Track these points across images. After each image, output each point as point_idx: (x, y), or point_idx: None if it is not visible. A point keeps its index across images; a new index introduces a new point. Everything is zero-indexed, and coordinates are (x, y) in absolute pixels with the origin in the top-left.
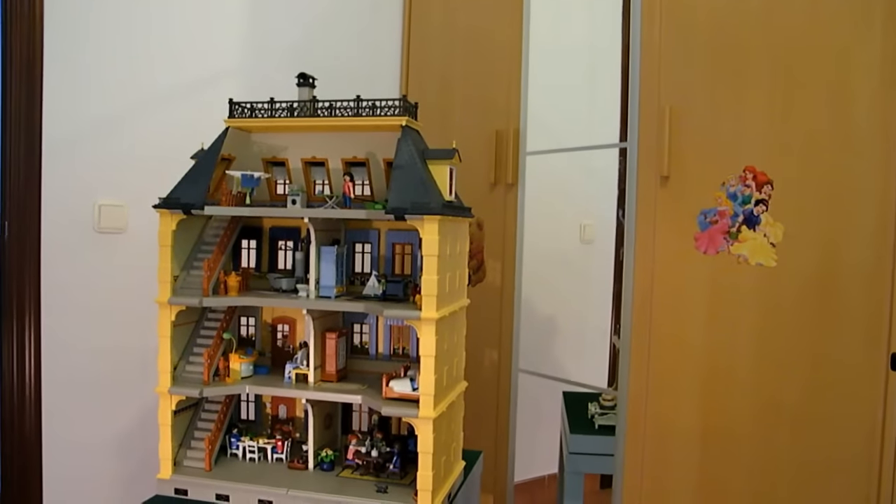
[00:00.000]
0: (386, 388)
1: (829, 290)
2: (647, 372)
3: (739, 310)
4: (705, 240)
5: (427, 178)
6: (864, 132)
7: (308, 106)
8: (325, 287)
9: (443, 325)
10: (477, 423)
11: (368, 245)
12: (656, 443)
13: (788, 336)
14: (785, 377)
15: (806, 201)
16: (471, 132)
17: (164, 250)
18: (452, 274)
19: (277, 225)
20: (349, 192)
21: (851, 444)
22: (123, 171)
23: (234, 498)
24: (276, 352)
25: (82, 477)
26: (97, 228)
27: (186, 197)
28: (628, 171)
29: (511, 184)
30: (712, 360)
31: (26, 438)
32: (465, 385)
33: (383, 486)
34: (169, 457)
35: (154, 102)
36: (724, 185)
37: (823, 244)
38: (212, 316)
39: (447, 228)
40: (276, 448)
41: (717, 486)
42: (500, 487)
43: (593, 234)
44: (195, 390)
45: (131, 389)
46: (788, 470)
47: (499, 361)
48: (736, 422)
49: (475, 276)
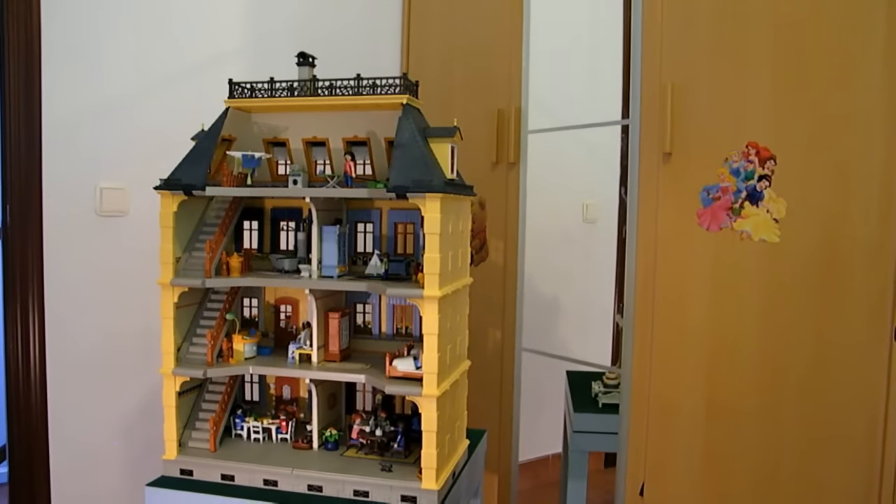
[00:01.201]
0: (389, 367)
1: (832, 266)
2: (650, 349)
3: (742, 286)
4: (708, 216)
5: (428, 156)
6: (868, 107)
7: (308, 85)
8: (327, 267)
9: (445, 303)
10: (481, 402)
11: (370, 225)
12: (660, 420)
13: (792, 312)
14: (788, 353)
15: (809, 176)
16: (472, 111)
17: (165, 232)
18: (455, 252)
19: (279, 205)
20: (350, 171)
21: (855, 419)
22: (124, 153)
23: (240, 478)
24: (279, 332)
25: (89, 459)
26: (99, 212)
27: (187, 178)
28: (630, 149)
29: (513, 163)
30: (716, 336)
31: (32, 422)
32: (469, 364)
33: (387, 465)
34: (174, 438)
35: (154, 84)
36: (726, 161)
37: (827, 219)
38: (214, 297)
39: (449, 206)
40: (281, 428)
41: (721, 462)
42: (504, 466)
43: (596, 214)
44: (199, 371)
45: (136, 372)
46: (792, 446)
47: (502, 340)
48: (740, 398)
49: (478, 255)
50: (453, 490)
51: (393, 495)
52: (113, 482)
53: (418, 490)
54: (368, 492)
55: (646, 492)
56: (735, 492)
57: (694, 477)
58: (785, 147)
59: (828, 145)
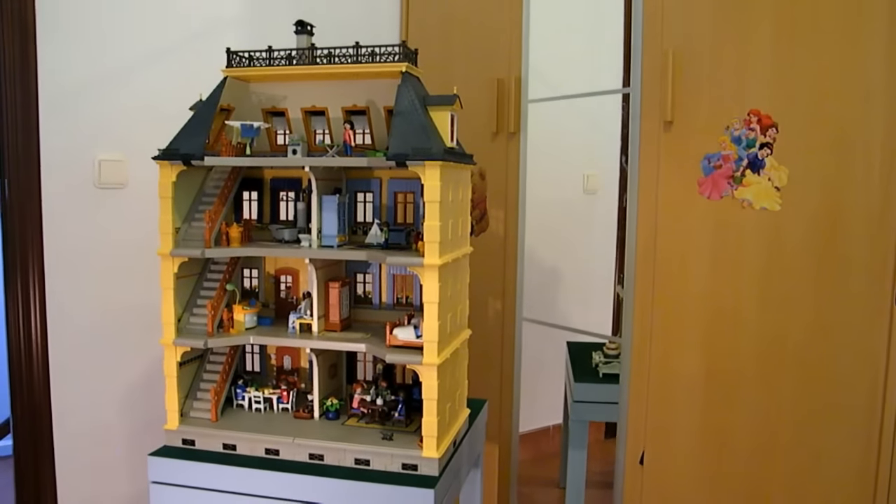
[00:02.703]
0: (390, 336)
1: (833, 234)
2: (650, 319)
3: (743, 255)
4: (709, 185)
5: (428, 125)
6: (870, 75)
7: (306, 54)
8: (327, 236)
9: (446, 271)
10: (481, 372)
11: (370, 194)
12: (660, 389)
13: (792, 280)
14: (789, 321)
15: (811, 144)
16: (472, 81)
17: (164, 202)
18: (455, 221)
19: (278, 176)
20: (350, 140)
21: (855, 387)
22: (122, 125)
23: (241, 447)
24: (279, 303)
25: (92, 431)
26: (98, 184)
27: (186, 148)
28: (631, 117)
29: (513, 133)
30: (716, 305)
31: (35, 395)
32: (469, 333)
33: (388, 434)
34: (175, 408)
35: (151, 54)
36: (728, 129)
37: (828, 188)
38: (214, 268)
39: (449, 175)
40: (282, 398)
41: (721, 431)
42: (504, 436)
43: (596, 185)
44: (199, 341)
45: (137, 344)
46: (792, 413)
47: (503, 311)
48: (740, 366)
49: (478, 225)
50: (454, 458)
51: (394, 463)
52: (117, 453)
53: (419, 458)
54: (369, 460)
55: (646, 460)
56: (734, 459)
57: (693, 445)
58: (787, 115)
59: (830, 113)
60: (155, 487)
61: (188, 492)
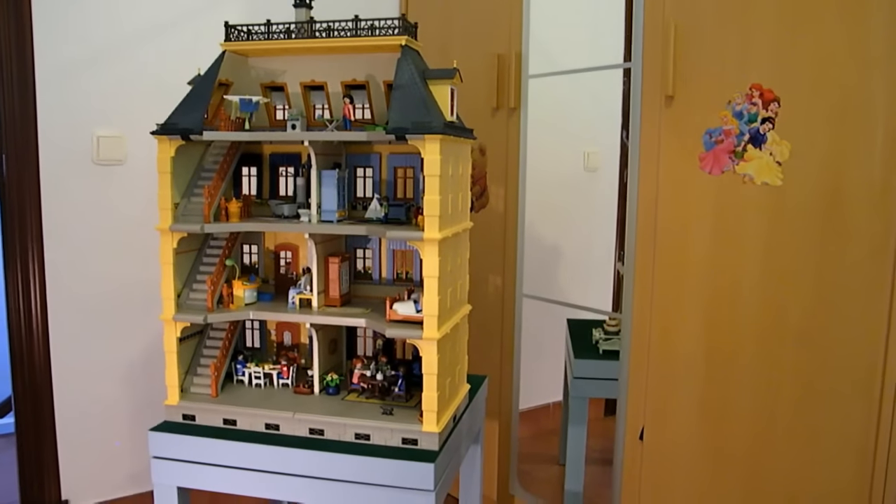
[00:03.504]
0: (390, 311)
1: (835, 209)
2: (651, 295)
3: (744, 230)
4: (710, 160)
5: (428, 98)
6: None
7: (305, 27)
8: (326, 211)
9: (446, 245)
10: (481, 348)
11: (370, 169)
12: (660, 365)
13: (794, 256)
14: (790, 298)
15: (813, 118)
16: (472, 57)
17: (163, 177)
18: (455, 195)
19: (277, 151)
20: (349, 115)
21: (855, 362)
22: (120, 101)
23: (242, 422)
24: (279, 279)
25: (93, 407)
26: (96, 160)
27: (184, 122)
28: (632, 92)
29: (513, 108)
30: (717, 281)
31: (36, 372)
32: (469, 308)
33: (388, 409)
34: (175, 384)
35: (149, 29)
36: (729, 103)
37: (830, 162)
38: (214, 243)
39: (449, 149)
40: (282, 374)
41: (721, 406)
42: (504, 412)
43: (597, 163)
44: (199, 317)
45: (137, 321)
46: (792, 389)
47: (503, 287)
48: (740, 342)
49: (478, 201)
50: (454, 433)
51: (394, 438)
52: (118, 427)
53: (419, 433)
54: (369, 435)
55: (645, 436)
56: (734, 435)
57: (693, 421)
58: (789, 89)
59: (832, 86)
60: (156, 462)
61: (189, 466)
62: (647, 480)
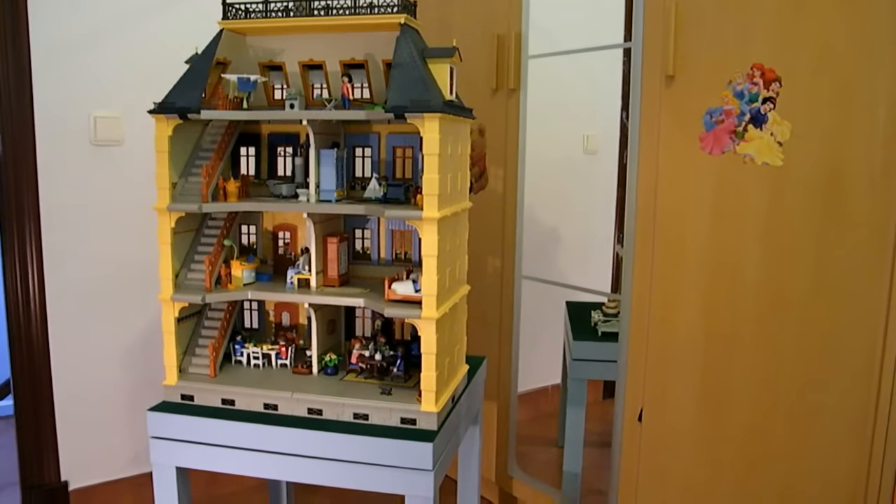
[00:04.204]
0: (388, 291)
1: (836, 189)
2: (650, 276)
3: (745, 210)
4: (710, 140)
5: (427, 77)
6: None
7: (304, 5)
8: (325, 191)
9: (445, 225)
10: (480, 330)
11: (368, 149)
12: (659, 347)
13: (794, 236)
14: (790, 278)
15: (815, 98)
16: (471, 37)
17: (161, 156)
18: (454, 175)
19: (276, 131)
20: (348, 93)
21: (854, 346)
22: (118, 81)
23: (240, 402)
24: (277, 259)
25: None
26: (93, 141)
27: (182, 101)
28: (632, 72)
29: (513, 89)
30: (716, 262)
31: (35, 354)
32: (468, 288)
33: (387, 389)
34: (174, 364)
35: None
36: (730, 83)
37: (831, 142)
38: (212, 223)
39: (448, 128)
40: (280, 354)
41: (720, 387)
42: (503, 393)
43: (596, 145)
44: (197, 297)
45: (135, 302)
46: (791, 370)
47: (501, 268)
48: (739, 323)
49: (477, 183)
50: (453, 413)
51: (392, 418)
52: (116, 408)
53: (418, 412)
54: (368, 415)
55: (644, 417)
56: (732, 417)
57: (692, 402)
58: (790, 68)
59: (834, 66)
60: (154, 442)
61: (187, 446)
62: (646, 462)
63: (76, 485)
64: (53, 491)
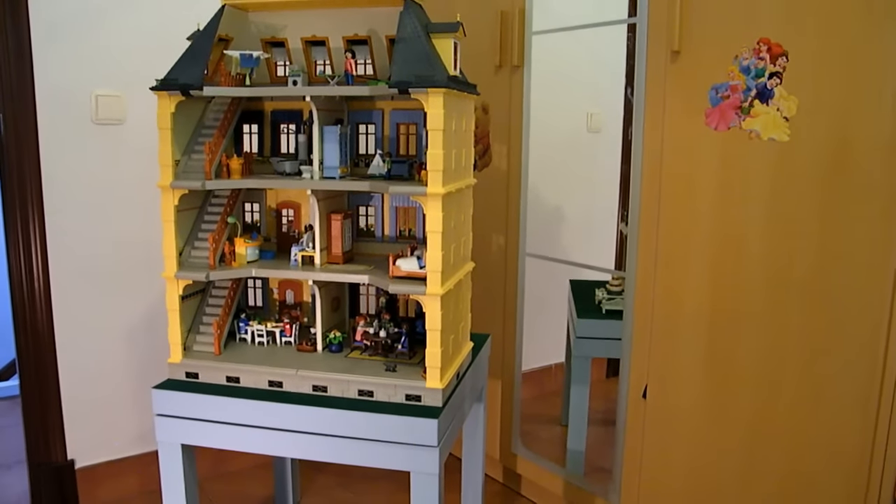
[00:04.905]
0: (393, 267)
1: (843, 166)
2: (655, 253)
3: (750, 186)
4: (716, 116)
5: (431, 52)
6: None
7: None
8: (328, 168)
9: (449, 201)
10: (484, 308)
11: (372, 126)
12: (664, 323)
13: (801, 212)
14: (796, 254)
15: (822, 73)
16: (474, 13)
17: (163, 133)
18: (458, 151)
19: (279, 108)
20: (351, 69)
21: (860, 321)
22: (119, 59)
23: (245, 379)
24: (281, 237)
25: (96, 367)
26: (95, 120)
27: (184, 78)
28: (637, 48)
29: (517, 66)
30: (722, 238)
31: (39, 334)
32: (473, 265)
33: (392, 366)
34: (178, 342)
35: None
36: (736, 58)
37: (839, 117)
38: (215, 201)
39: (452, 103)
40: (285, 332)
41: (725, 363)
42: (507, 371)
43: (599, 124)
44: (201, 274)
45: (139, 281)
46: (797, 345)
47: (505, 246)
48: (745, 300)
49: (481, 160)
50: (457, 390)
51: (397, 394)
52: (121, 387)
53: (423, 389)
54: (373, 391)
55: (648, 394)
56: (737, 393)
57: (697, 378)
58: (797, 43)
59: (841, 40)
60: (160, 420)
61: (192, 424)
62: (650, 438)
63: (82, 463)
64: (60, 469)
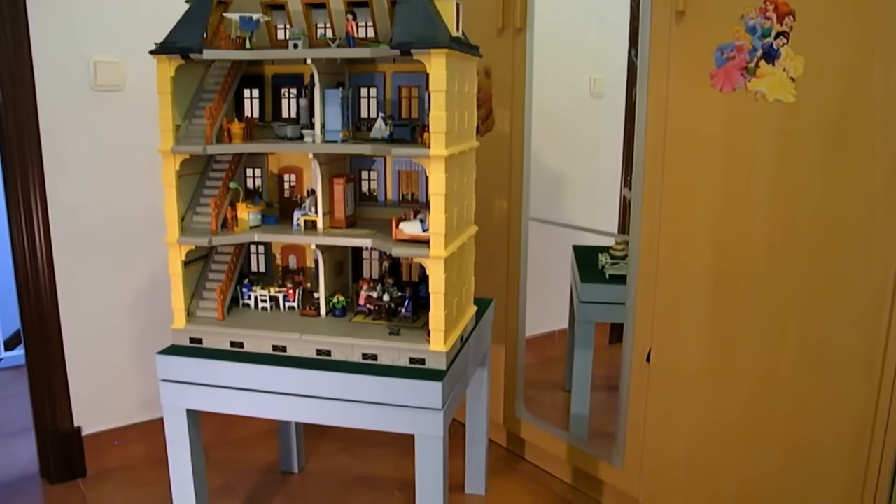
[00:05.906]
0: (396, 231)
1: (850, 127)
2: (659, 216)
3: (756, 148)
4: (721, 77)
5: (433, 12)
6: None
7: None
8: (330, 131)
9: (452, 163)
10: (488, 273)
11: (374, 89)
12: (668, 287)
13: (806, 175)
14: (801, 217)
15: (830, 32)
16: None
17: (163, 97)
18: (461, 113)
19: (280, 72)
20: (352, 31)
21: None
22: (117, 25)
23: (248, 344)
24: (283, 202)
25: (100, 335)
26: (94, 87)
27: (184, 41)
28: (642, 8)
29: (519, 29)
30: (726, 201)
31: (43, 303)
32: (476, 228)
33: (395, 329)
34: (182, 307)
35: None
36: (742, 17)
37: (846, 77)
38: (217, 166)
39: (455, 65)
40: (288, 297)
41: (728, 327)
42: (511, 336)
43: (602, 89)
44: (203, 239)
45: (141, 247)
46: (800, 309)
47: (508, 210)
48: (749, 262)
49: (483, 125)
50: (461, 354)
51: (401, 358)
52: (126, 353)
53: (426, 352)
54: (377, 355)
55: (652, 358)
56: (741, 357)
57: (700, 343)
58: (805, 1)
59: None
60: (164, 385)
61: (197, 389)
62: (654, 402)
63: (89, 430)
64: (67, 436)
